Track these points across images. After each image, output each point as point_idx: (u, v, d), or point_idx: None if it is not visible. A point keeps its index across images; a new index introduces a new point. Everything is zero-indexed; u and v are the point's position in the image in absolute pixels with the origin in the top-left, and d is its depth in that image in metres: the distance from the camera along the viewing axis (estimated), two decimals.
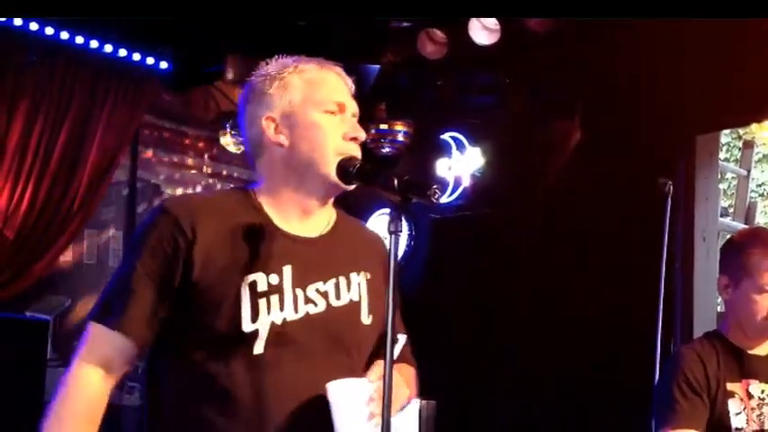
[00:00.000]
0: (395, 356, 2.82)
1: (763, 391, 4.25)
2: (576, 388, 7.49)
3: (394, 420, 2.66)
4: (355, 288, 3.02)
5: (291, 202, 2.98)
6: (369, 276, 3.07)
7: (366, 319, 3.03)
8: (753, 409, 4.20)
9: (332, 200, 3.05)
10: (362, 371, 2.96)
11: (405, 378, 3.05)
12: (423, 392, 7.16)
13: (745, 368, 4.28)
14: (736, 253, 4.35)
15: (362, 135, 2.98)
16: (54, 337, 8.35)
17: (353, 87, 3.09)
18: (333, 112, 2.97)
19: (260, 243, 2.88)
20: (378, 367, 2.80)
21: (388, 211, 2.79)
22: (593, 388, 7.32)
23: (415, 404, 7.37)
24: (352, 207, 3.50)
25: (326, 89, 3.00)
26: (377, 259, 3.11)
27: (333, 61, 3.10)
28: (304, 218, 3.00)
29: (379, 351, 2.95)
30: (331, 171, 2.92)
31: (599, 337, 7.34)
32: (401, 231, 2.72)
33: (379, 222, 8.15)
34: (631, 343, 6.69)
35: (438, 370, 7.87)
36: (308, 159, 2.94)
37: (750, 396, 4.23)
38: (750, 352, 4.33)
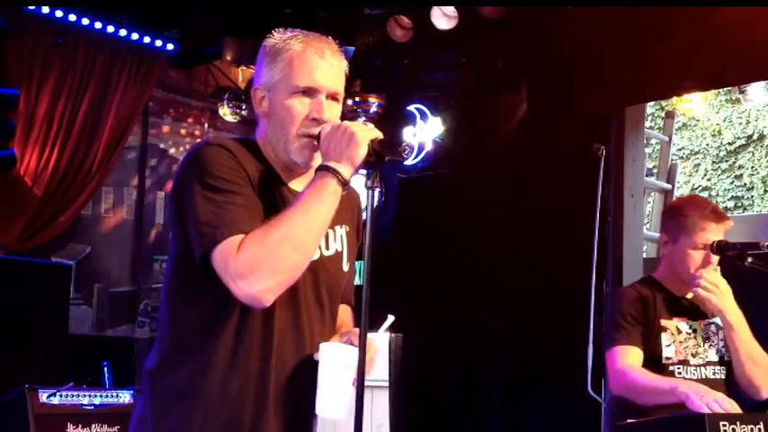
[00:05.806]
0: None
1: (690, 327, 4.46)
2: (524, 322, 7.57)
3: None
4: (339, 239, 2.99)
5: (281, 160, 2.90)
6: (347, 229, 3.03)
7: (345, 266, 3.03)
8: (680, 342, 4.39)
9: (313, 161, 2.91)
10: (336, 313, 3.03)
11: (346, 320, 3.12)
12: (392, 327, 7.24)
13: (677, 308, 4.48)
14: (675, 215, 4.53)
15: (324, 116, 2.84)
16: (76, 280, 8.38)
17: (344, 65, 2.96)
18: (303, 93, 2.86)
19: (269, 193, 2.83)
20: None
21: (363, 171, 2.74)
22: (538, 321, 7.43)
23: (385, 337, 7.37)
24: None
25: (302, 72, 2.85)
26: (353, 213, 3.10)
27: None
28: (294, 174, 2.92)
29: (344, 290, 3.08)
30: (293, 150, 2.86)
31: (543, 279, 7.41)
32: (377, 186, 2.76)
33: (355, 180, 8.17)
34: (571, 283, 6.82)
35: (405, 307, 7.97)
36: (278, 135, 2.88)
37: (679, 331, 4.42)
38: (681, 296, 4.52)
